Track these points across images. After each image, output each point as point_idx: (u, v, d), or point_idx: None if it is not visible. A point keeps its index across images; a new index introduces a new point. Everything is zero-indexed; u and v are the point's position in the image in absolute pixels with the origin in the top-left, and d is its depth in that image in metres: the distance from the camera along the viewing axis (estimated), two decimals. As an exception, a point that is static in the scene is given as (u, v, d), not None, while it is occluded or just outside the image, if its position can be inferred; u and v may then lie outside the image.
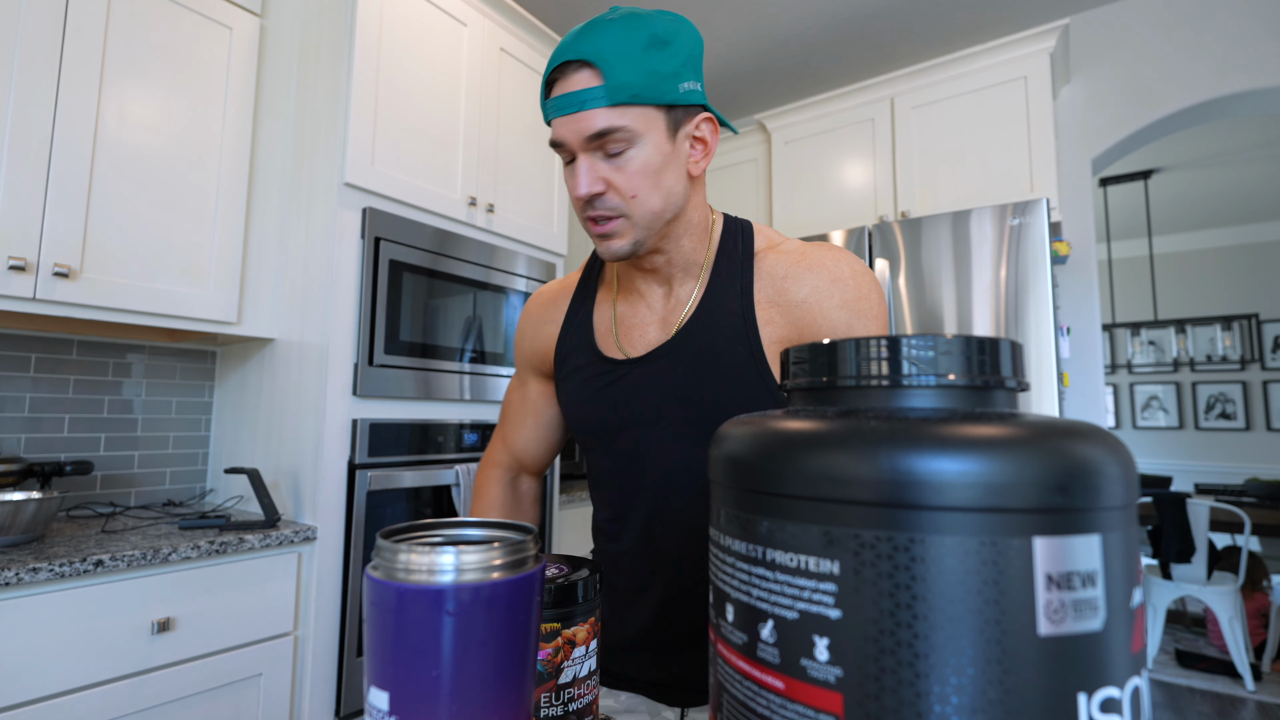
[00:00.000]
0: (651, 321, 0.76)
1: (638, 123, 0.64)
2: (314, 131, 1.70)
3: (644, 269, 0.75)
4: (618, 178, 0.65)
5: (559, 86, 0.64)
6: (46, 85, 1.35)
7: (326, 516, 1.52)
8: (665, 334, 0.74)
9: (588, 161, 0.65)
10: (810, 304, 0.69)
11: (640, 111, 0.64)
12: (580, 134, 0.64)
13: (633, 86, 0.62)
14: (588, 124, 0.63)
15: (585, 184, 0.65)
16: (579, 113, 0.63)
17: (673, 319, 0.74)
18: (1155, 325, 4.55)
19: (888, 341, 0.26)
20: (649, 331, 0.75)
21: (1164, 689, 2.86)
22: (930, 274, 2.06)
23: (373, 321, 1.61)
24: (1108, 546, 0.22)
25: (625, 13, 0.64)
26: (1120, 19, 2.45)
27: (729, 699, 0.26)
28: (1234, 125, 3.56)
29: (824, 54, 2.84)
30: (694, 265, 0.74)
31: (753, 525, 0.25)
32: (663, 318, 0.75)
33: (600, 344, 0.78)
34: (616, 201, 0.66)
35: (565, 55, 0.63)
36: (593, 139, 0.64)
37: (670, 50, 0.64)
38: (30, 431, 1.58)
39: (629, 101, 0.63)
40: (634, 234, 0.68)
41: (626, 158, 0.65)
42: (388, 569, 0.30)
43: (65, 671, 1.13)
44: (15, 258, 1.29)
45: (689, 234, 0.73)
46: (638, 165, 0.65)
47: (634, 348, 0.75)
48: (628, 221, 0.67)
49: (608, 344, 0.77)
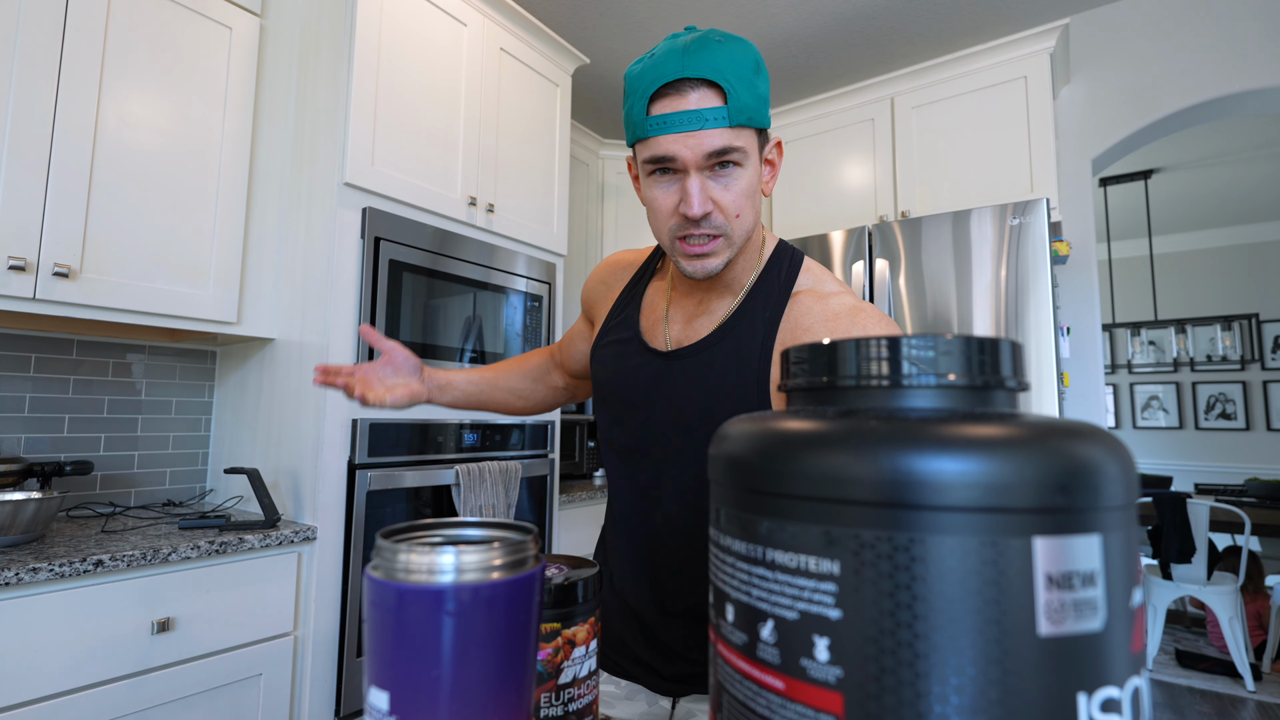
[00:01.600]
0: (679, 319, 0.78)
1: (749, 144, 0.66)
2: (314, 131, 1.70)
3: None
4: (724, 197, 0.66)
5: (672, 103, 0.64)
6: (46, 85, 1.35)
7: (326, 516, 1.52)
8: (686, 335, 0.76)
9: (700, 180, 0.65)
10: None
11: (750, 134, 0.66)
12: (700, 151, 0.64)
13: (749, 109, 0.64)
14: (709, 142, 0.63)
15: (699, 203, 0.65)
16: (701, 130, 0.63)
17: (697, 324, 0.76)
18: (1155, 325, 4.55)
19: (888, 341, 0.26)
20: (675, 328, 0.78)
21: (1164, 689, 2.86)
22: (930, 274, 2.06)
23: (373, 321, 1.61)
24: (1108, 546, 0.22)
25: (727, 35, 0.65)
26: (1120, 19, 2.45)
27: (729, 699, 0.26)
28: (1234, 125, 3.56)
29: (824, 54, 2.84)
30: (737, 284, 0.76)
31: (753, 525, 0.25)
32: (689, 318, 0.77)
33: (643, 326, 0.81)
34: (721, 221, 0.67)
35: (683, 72, 0.63)
36: (710, 157, 0.64)
37: (764, 77, 0.67)
38: (30, 431, 1.58)
39: (744, 124, 0.64)
40: (728, 253, 0.69)
41: (734, 178, 0.66)
42: (388, 569, 0.30)
43: (65, 671, 1.13)
44: (15, 258, 1.29)
45: (745, 252, 0.74)
46: (742, 186, 0.66)
47: (664, 341, 0.78)
48: (726, 241, 0.68)
49: (648, 330, 0.80)
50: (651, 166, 0.67)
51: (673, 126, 0.64)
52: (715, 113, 0.63)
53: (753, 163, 0.67)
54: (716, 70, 0.63)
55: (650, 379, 0.76)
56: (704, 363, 0.72)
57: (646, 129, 0.65)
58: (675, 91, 0.64)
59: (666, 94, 0.64)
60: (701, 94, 0.63)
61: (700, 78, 0.63)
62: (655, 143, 0.65)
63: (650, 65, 0.65)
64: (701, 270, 0.69)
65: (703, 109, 0.63)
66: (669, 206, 0.68)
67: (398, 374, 0.86)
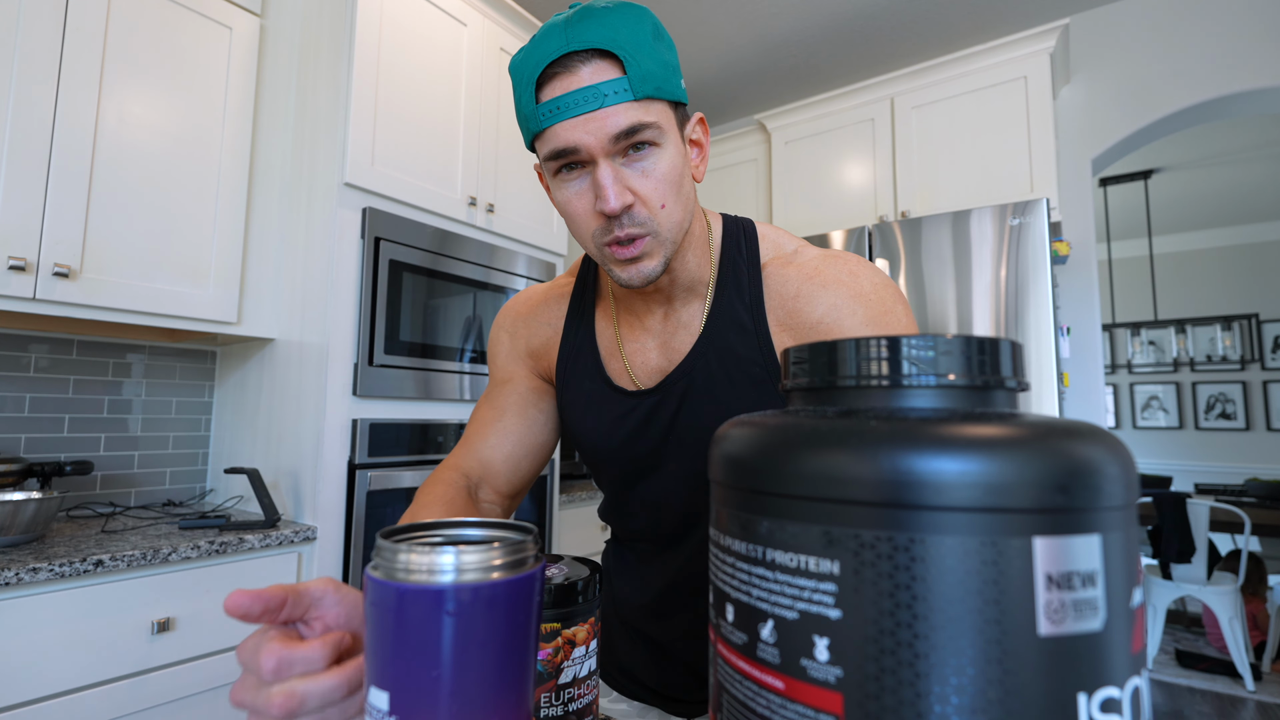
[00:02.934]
0: (652, 347, 0.68)
1: (663, 120, 0.55)
2: (314, 131, 1.70)
3: (645, 290, 0.66)
4: (644, 186, 0.55)
5: (563, 83, 0.53)
6: (46, 85, 1.35)
7: (326, 516, 1.52)
8: (667, 359, 0.67)
9: (611, 169, 0.54)
10: (829, 324, 0.61)
11: (662, 108, 0.56)
12: (604, 134, 0.53)
13: (655, 78, 0.54)
14: (613, 121, 0.53)
15: (615, 195, 0.54)
16: (600, 109, 0.52)
17: (675, 343, 0.67)
18: (1155, 325, 4.55)
19: (888, 341, 0.26)
20: (650, 357, 0.68)
21: (1164, 689, 2.86)
22: (930, 274, 2.06)
23: (373, 321, 1.61)
24: (1108, 546, 0.22)
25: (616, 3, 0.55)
26: (1120, 19, 2.45)
27: (729, 699, 0.26)
28: (1234, 125, 3.56)
29: (824, 54, 2.84)
30: (699, 283, 0.66)
31: (753, 525, 0.25)
32: (663, 342, 0.68)
33: (608, 369, 0.70)
34: (645, 215, 0.56)
35: (569, 46, 0.52)
36: (619, 139, 0.53)
37: (667, 44, 0.57)
38: (30, 431, 1.58)
39: (653, 95, 0.54)
40: (663, 252, 0.58)
41: (652, 162, 0.55)
42: (388, 569, 0.30)
43: (65, 671, 1.13)
44: (15, 258, 1.29)
45: (693, 247, 0.64)
46: (664, 170, 0.56)
47: (641, 377, 0.68)
48: (655, 239, 0.57)
49: (615, 370, 0.70)
50: (555, 164, 0.56)
51: (567, 111, 0.53)
52: (614, 85, 0.52)
53: (672, 141, 0.56)
54: (608, 39, 0.52)
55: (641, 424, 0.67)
56: (703, 380, 0.64)
57: (540, 119, 0.54)
58: (564, 69, 0.53)
59: (555, 74, 0.53)
60: (595, 67, 0.53)
61: (590, 48, 0.52)
62: (551, 134, 0.54)
63: (531, 48, 0.54)
64: (639, 276, 0.58)
65: (599, 83, 0.52)
66: (585, 208, 0.57)
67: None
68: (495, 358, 0.77)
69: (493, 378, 0.77)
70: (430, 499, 0.62)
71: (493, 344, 0.78)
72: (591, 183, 0.56)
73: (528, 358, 0.76)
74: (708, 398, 0.64)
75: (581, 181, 0.56)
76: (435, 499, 0.61)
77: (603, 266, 0.61)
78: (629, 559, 0.78)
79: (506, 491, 0.72)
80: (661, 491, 0.69)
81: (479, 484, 0.70)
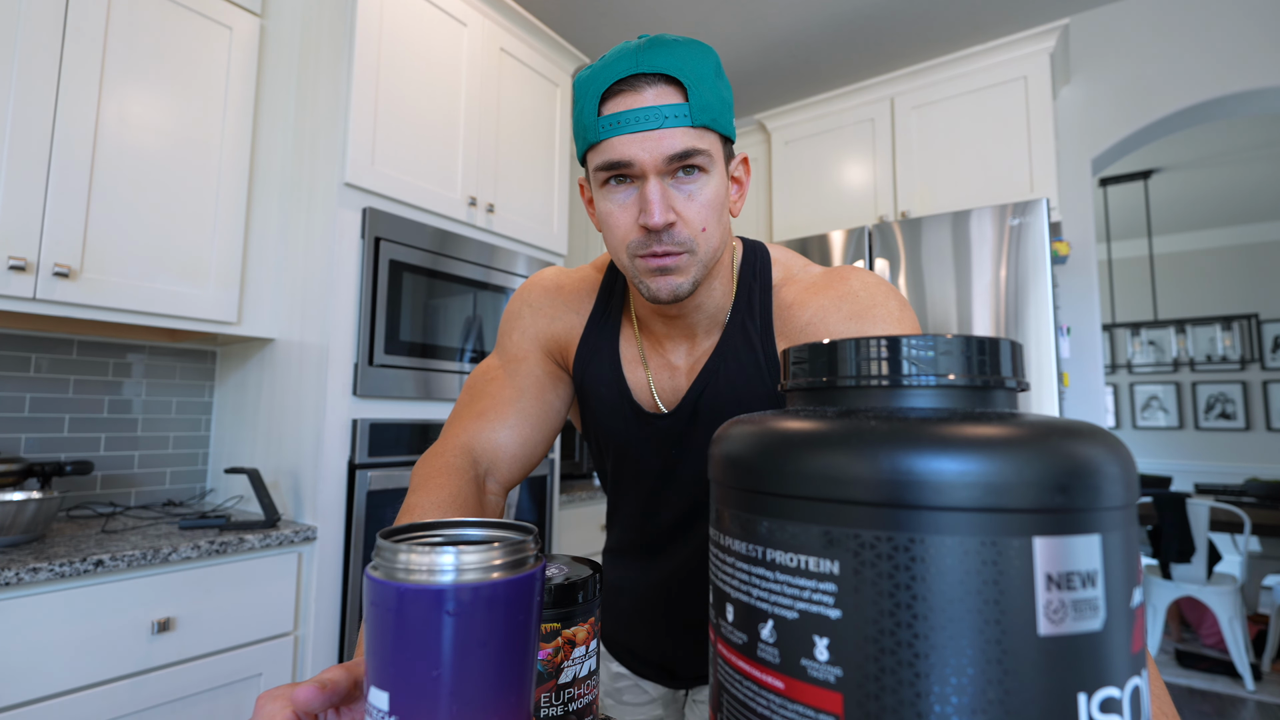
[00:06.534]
0: (671, 372, 0.71)
1: (714, 150, 0.59)
2: (314, 131, 1.70)
3: (669, 315, 0.68)
4: (689, 208, 0.58)
5: (627, 100, 0.56)
6: (46, 85, 1.35)
7: (326, 516, 1.52)
8: (686, 382, 0.70)
9: (660, 186, 0.57)
10: (815, 325, 0.63)
11: (714, 139, 0.59)
12: (659, 153, 0.56)
13: (712, 110, 0.58)
14: (669, 143, 0.56)
15: (660, 211, 0.57)
16: (659, 129, 0.56)
17: (692, 365, 0.70)
18: (1155, 325, 4.55)
19: (887, 341, 0.26)
20: (666, 380, 0.71)
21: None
22: (930, 274, 2.06)
23: (373, 321, 1.61)
24: (1108, 546, 0.22)
25: (684, 38, 0.59)
26: (1120, 19, 2.45)
27: (729, 699, 0.26)
28: (1234, 125, 3.56)
29: (824, 54, 2.84)
30: (721, 312, 0.68)
31: (753, 525, 0.25)
32: (683, 367, 0.70)
33: (630, 383, 0.72)
34: (685, 235, 0.59)
35: (639, 67, 0.56)
36: (672, 160, 0.57)
37: (726, 83, 0.61)
38: (30, 431, 1.58)
39: (709, 125, 0.58)
40: (695, 272, 0.60)
41: (699, 187, 0.58)
42: (388, 569, 0.30)
43: (65, 671, 1.13)
44: (15, 258, 1.29)
45: (720, 275, 0.67)
46: (708, 196, 0.59)
47: (663, 399, 0.71)
48: (692, 258, 0.60)
49: (639, 389, 0.72)
50: (605, 174, 0.59)
51: (628, 126, 0.56)
52: (675, 109, 0.56)
53: (719, 172, 0.60)
54: (675, 66, 0.56)
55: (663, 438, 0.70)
56: (711, 399, 0.67)
57: (599, 131, 0.58)
58: (630, 88, 0.56)
59: (621, 91, 0.57)
60: (659, 90, 0.56)
61: (658, 73, 0.56)
62: (608, 146, 0.58)
63: (602, 66, 0.58)
64: (668, 290, 0.60)
65: (661, 105, 0.56)
66: (627, 220, 0.59)
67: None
68: (511, 332, 0.76)
69: (505, 350, 0.75)
70: (435, 488, 0.60)
71: (512, 316, 0.76)
72: (638, 197, 0.58)
73: (548, 339, 0.75)
74: (719, 416, 0.67)
75: (628, 195, 0.59)
76: (440, 490, 0.60)
77: (632, 280, 0.63)
78: (627, 559, 0.80)
79: (510, 482, 0.71)
80: (666, 498, 0.73)
81: (487, 473, 0.68)
